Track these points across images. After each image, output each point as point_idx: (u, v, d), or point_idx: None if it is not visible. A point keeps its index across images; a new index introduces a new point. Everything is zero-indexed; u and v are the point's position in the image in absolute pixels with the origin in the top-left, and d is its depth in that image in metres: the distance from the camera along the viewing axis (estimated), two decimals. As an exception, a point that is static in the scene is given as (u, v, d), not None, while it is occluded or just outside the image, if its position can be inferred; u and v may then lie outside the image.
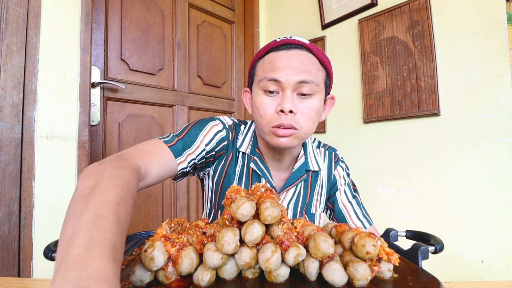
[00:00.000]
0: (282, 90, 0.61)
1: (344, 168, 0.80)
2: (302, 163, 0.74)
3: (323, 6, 1.62)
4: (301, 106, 0.62)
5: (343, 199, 0.77)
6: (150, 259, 0.33)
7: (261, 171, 0.70)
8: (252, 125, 0.76)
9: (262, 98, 0.63)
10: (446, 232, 1.16)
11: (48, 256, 0.39)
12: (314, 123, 0.64)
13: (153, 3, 1.51)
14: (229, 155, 0.72)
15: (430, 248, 0.41)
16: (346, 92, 1.53)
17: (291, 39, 0.64)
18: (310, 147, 0.78)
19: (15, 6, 0.98)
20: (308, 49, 0.63)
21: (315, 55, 0.64)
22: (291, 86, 0.60)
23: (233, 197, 0.42)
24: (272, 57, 0.63)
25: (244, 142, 0.73)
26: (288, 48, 0.63)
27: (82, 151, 1.11)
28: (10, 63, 0.97)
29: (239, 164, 0.72)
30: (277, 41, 0.64)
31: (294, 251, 0.35)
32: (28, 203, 0.98)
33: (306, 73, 0.60)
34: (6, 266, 0.95)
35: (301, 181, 0.73)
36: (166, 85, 1.57)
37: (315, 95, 0.63)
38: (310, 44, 0.64)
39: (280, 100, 0.61)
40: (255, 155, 0.72)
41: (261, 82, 0.63)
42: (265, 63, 0.64)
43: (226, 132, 0.70)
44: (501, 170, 1.05)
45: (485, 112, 1.09)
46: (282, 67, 0.60)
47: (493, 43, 1.07)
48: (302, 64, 0.61)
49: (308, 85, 0.61)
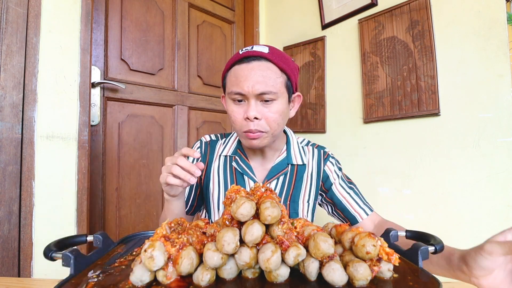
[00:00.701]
0: (247, 99, 0.70)
1: (334, 163, 0.86)
2: (284, 158, 0.82)
3: (323, 6, 1.62)
4: (265, 112, 0.70)
5: (341, 191, 0.82)
6: (150, 259, 0.33)
7: (241, 168, 0.81)
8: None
9: (232, 107, 0.73)
10: (446, 232, 1.16)
11: (48, 256, 0.39)
12: (279, 123, 0.73)
13: (153, 3, 1.51)
14: (211, 163, 0.84)
15: (430, 248, 0.41)
16: (346, 92, 1.53)
17: (251, 51, 0.70)
18: (294, 143, 0.85)
19: (15, 6, 0.98)
20: (267, 59, 0.70)
21: (274, 63, 0.70)
22: (253, 96, 0.69)
23: (233, 197, 0.42)
24: (236, 70, 0.71)
25: (226, 147, 0.85)
26: (248, 61, 0.70)
27: (82, 151, 1.11)
28: (10, 63, 0.97)
29: (221, 167, 0.83)
30: (239, 54, 0.72)
31: (294, 251, 0.35)
32: (28, 203, 0.98)
33: (265, 84, 0.68)
34: (6, 266, 0.95)
35: (282, 174, 0.81)
36: (166, 85, 1.57)
37: (277, 100, 0.71)
38: (269, 53, 0.70)
39: (246, 108, 0.70)
40: (236, 155, 0.83)
41: (229, 94, 0.73)
42: (231, 76, 0.72)
43: (201, 149, 0.86)
44: (501, 170, 1.05)
45: (485, 112, 1.09)
46: (244, 80, 0.69)
47: (493, 43, 1.07)
48: (261, 76, 0.68)
49: (267, 95, 0.69)
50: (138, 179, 1.44)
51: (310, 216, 0.82)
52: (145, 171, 1.46)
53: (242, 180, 0.80)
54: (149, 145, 1.49)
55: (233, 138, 0.87)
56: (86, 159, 1.11)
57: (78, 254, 0.39)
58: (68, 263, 0.37)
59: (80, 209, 1.09)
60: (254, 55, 0.70)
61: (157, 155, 1.51)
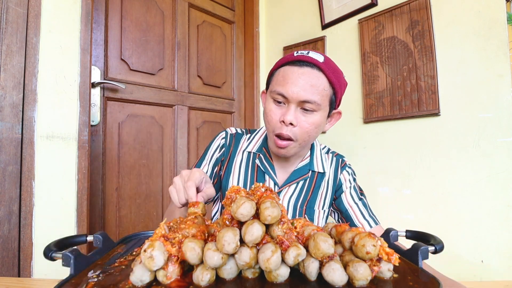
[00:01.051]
0: (288, 103, 0.69)
1: (350, 173, 0.85)
2: (306, 164, 0.82)
3: (323, 6, 1.62)
4: (302, 120, 0.69)
5: (349, 200, 0.81)
6: (150, 259, 0.33)
7: (264, 167, 0.80)
8: (263, 128, 0.87)
9: (270, 106, 0.72)
10: (446, 232, 1.16)
11: (48, 256, 0.39)
12: (311, 135, 0.71)
13: (153, 3, 1.51)
14: (233, 157, 0.83)
15: (430, 248, 0.41)
16: (346, 92, 1.51)
17: (306, 56, 0.68)
18: (318, 151, 0.85)
19: (15, 6, 0.98)
20: (319, 68, 0.68)
21: (326, 74, 0.68)
22: (295, 102, 0.68)
23: (233, 197, 0.42)
24: (285, 71, 0.70)
25: (251, 144, 0.84)
26: (300, 65, 0.68)
27: (82, 151, 1.11)
28: (10, 63, 0.97)
29: (243, 162, 0.82)
30: (293, 56, 0.70)
31: (294, 251, 0.35)
32: (28, 203, 0.98)
33: (311, 93, 0.67)
34: (6, 266, 0.95)
35: (302, 180, 0.80)
36: (166, 85, 1.57)
37: (317, 112, 0.69)
38: (323, 63, 0.68)
39: (284, 111, 0.69)
40: (261, 153, 0.82)
41: (272, 93, 0.71)
42: (279, 75, 0.71)
43: (226, 140, 0.85)
44: (501, 170, 1.05)
45: (485, 112, 1.09)
46: (291, 83, 0.67)
47: (493, 43, 1.07)
48: (309, 83, 0.67)
49: (310, 104, 0.67)
50: (138, 179, 1.44)
51: (323, 224, 0.82)
52: (145, 171, 1.46)
53: (262, 179, 0.80)
54: (149, 145, 1.49)
55: (258, 135, 0.86)
56: (86, 159, 1.11)
57: (78, 254, 0.39)
58: (68, 263, 0.37)
59: (80, 209, 1.09)
60: (308, 61, 0.68)
61: (157, 155, 1.51)
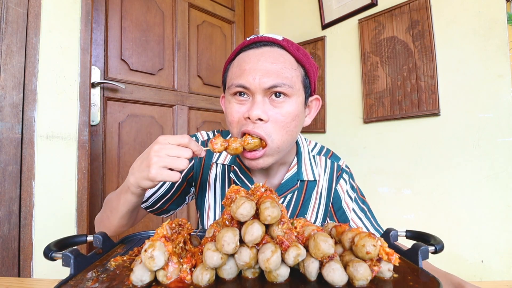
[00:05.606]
0: (252, 95, 0.55)
1: (347, 180, 0.73)
2: (294, 173, 0.67)
3: (323, 6, 1.62)
4: (274, 113, 0.54)
5: (352, 216, 0.72)
6: (151, 259, 0.33)
7: (240, 181, 0.66)
8: None
9: (231, 105, 0.57)
10: (446, 232, 1.16)
11: (48, 256, 0.39)
12: (288, 132, 0.56)
13: (153, 3, 1.51)
14: (207, 171, 0.69)
15: (430, 248, 0.41)
16: (346, 92, 1.53)
17: (262, 37, 0.57)
18: (306, 155, 0.71)
19: (15, 6, 0.98)
20: (280, 46, 0.56)
21: (289, 51, 0.56)
22: (260, 91, 0.54)
23: (233, 197, 0.42)
24: (240, 58, 0.57)
25: (222, 154, 0.68)
26: (257, 46, 0.56)
27: (82, 151, 1.11)
28: (10, 63, 0.97)
29: (218, 177, 0.68)
30: (246, 41, 0.59)
31: (294, 251, 0.35)
32: (28, 203, 0.98)
33: (276, 75, 0.53)
34: (6, 266, 0.95)
35: (291, 192, 0.67)
36: (166, 85, 1.57)
37: (290, 98, 0.55)
38: (283, 40, 0.57)
39: (249, 105, 0.55)
40: (235, 165, 0.67)
41: (230, 89, 0.57)
42: (234, 67, 0.58)
43: None
44: (501, 170, 1.05)
45: (485, 112, 1.09)
46: (250, 69, 0.54)
47: (493, 43, 1.07)
48: (272, 63, 0.54)
49: (279, 88, 0.53)
50: (138, 179, 1.44)
51: None
52: (145, 171, 1.46)
53: None
54: (149, 145, 1.48)
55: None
56: (86, 159, 1.11)
57: (78, 254, 0.39)
58: (68, 263, 0.37)
59: (80, 209, 1.09)
60: (266, 40, 0.56)
61: (157, 155, 1.51)
